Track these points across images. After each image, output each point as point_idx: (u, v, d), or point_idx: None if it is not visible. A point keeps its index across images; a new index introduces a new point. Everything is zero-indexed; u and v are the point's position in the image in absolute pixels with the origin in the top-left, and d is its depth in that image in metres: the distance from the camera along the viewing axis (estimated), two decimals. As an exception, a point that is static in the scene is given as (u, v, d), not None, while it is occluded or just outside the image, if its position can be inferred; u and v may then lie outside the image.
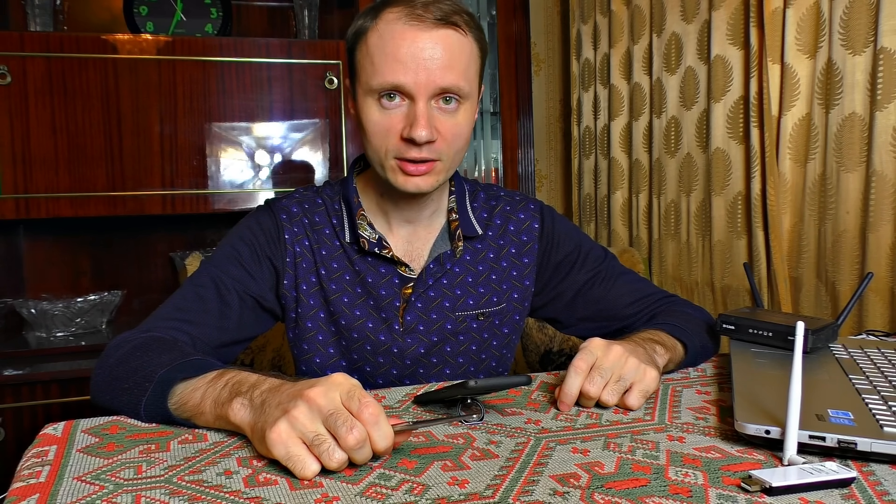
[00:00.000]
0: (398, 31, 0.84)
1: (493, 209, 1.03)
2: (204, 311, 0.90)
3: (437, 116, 0.87)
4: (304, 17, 2.07)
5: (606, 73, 2.12)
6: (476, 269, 1.00)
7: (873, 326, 1.39)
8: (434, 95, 0.86)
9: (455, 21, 0.86)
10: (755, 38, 1.60)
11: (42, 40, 1.75)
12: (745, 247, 1.70)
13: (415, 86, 0.85)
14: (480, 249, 1.01)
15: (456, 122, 0.89)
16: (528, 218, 1.03)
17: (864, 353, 0.90)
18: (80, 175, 1.78)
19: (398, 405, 0.79)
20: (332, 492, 0.56)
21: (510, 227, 1.02)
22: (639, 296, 1.03)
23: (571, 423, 0.72)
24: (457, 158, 0.92)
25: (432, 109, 0.87)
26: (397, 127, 0.87)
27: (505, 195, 1.05)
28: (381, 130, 0.87)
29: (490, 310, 1.00)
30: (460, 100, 0.88)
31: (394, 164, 0.89)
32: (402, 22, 0.85)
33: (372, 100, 0.87)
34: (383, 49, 0.85)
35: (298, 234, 0.96)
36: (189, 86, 1.84)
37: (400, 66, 0.84)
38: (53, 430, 0.70)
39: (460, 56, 0.87)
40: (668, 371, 0.90)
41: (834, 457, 0.62)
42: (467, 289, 0.99)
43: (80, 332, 1.89)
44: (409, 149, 0.87)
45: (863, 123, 1.41)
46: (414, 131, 0.84)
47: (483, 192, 1.05)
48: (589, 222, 2.27)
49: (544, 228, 1.03)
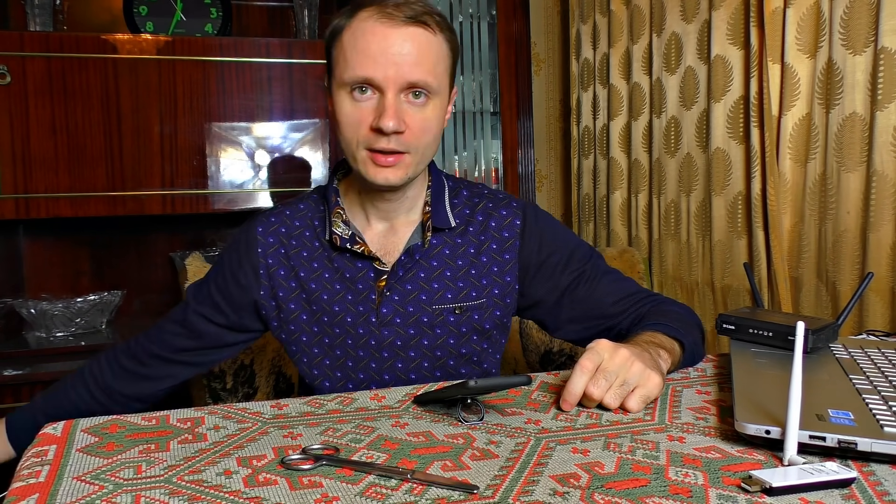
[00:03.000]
0: (370, 28, 0.89)
1: (475, 206, 1.05)
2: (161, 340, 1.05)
3: (407, 110, 0.91)
4: (304, 17, 2.07)
5: (606, 73, 2.12)
6: (455, 263, 1.01)
7: (873, 326, 1.39)
8: (403, 89, 0.90)
9: (425, 20, 0.91)
10: (755, 38, 1.60)
11: (42, 40, 1.75)
12: (745, 247, 1.70)
13: (384, 79, 0.89)
14: (460, 244, 1.02)
15: (424, 117, 0.93)
16: (510, 215, 1.04)
17: (864, 353, 0.90)
18: (80, 175, 1.78)
19: (398, 405, 0.79)
20: (332, 492, 0.56)
21: (491, 223, 1.03)
22: (623, 294, 1.04)
23: (571, 423, 0.72)
24: (426, 153, 0.96)
25: (401, 103, 0.91)
26: (367, 119, 0.91)
27: (489, 193, 1.07)
28: (353, 122, 0.92)
29: (468, 304, 1.01)
30: (429, 95, 0.92)
31: (365, 156, 0.93)
32: (374, 20, 0.90)
33: (345, 93, 0.92)
34: (355, 45, 0.90)
35: (273, 245, 1.02)
36: (189, 86, 1.84)
37: (370, 60, 0.89)
38: (53, 429, 0.70)
39: (429, 53, 0.91)
40: (668, 372, 0.90)
41: (834, 457, 0.62)
42: (445, 283, 1.00)
43: (80, 332, 1.89)
44: (378, 139, 0.91)
45: (863, 123, 1.41)
46: (382, 121, 0.89)
47: (466, 189, 1.07)
48: (588, 222, 2.27)
49: (526, 225, 1.04)
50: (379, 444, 0.67)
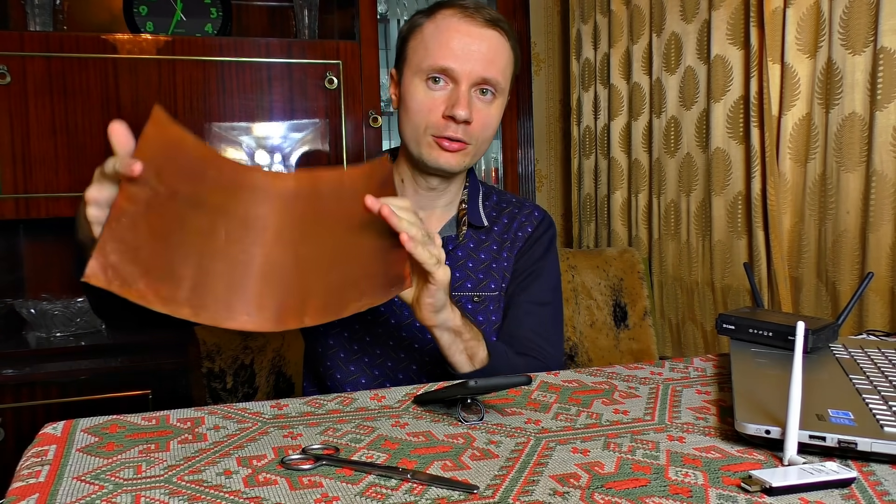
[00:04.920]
0: (453, 24, 0.97)
1: (502, 209, 1.14)
2: None
3: (476, 103, 0.98)
4: (304, 17, 2.06)
5: (606, 73, 2.12)
6: (478, 256, 1.08)
7: (873, 326, 1.39)
8: (475, 84, 0.97)
9: (501, 25, 0.99)
10: (755, 38, 1.60)
11: (42, 40, 1.75)
12: (745, 247, 1.70)
13: (461, 71, 0.96)
14: (485, 240, 1.10)
15: (489, 112, 1.00)
16: (528, 221, 1.13)
17: (864, 353, 0.90)
18: (80, 175, 1.77)
19: (398, 405, 0.79)
20: (332, 492, 0.56)
21: (514, 224, 1.12)
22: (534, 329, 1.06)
23: (571, 423, 0.72)
24: (482, 147, 1.03)
25: (472, 96, 0.98)
26: (440, 107, 0.97)
27: (516, 201, 1.16)
28: (425, 108, 0.98)
29: (486, 294, 1.07)
30: (496, 93, 1.00)
31: (430, 140, 0.99)
32: (458, 18, 0.98)
33: (419, 80, 0.98)
34: (438, 37, 0.97)
35: None
36: (189, 86, 1.84)
37: (450, 52, 0.96)
38: (53, 429, 0.70)
39: (501, 55, 0.99)
40: (456, 343, 0.88)
41: (834, 457, 0.62)
42: (467, 272, 1.06)
43: (80, 332, 1.89)
44: (447, 126, 0.97)
45: (863, 123, 1.41)
46: (455, 110, 0.95)
47: (496, 195, 1.16)
48: (589, 222, 2.27)
49: (534, 234, 1.12)
50: (379, 444, 0.67)
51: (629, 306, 1.67)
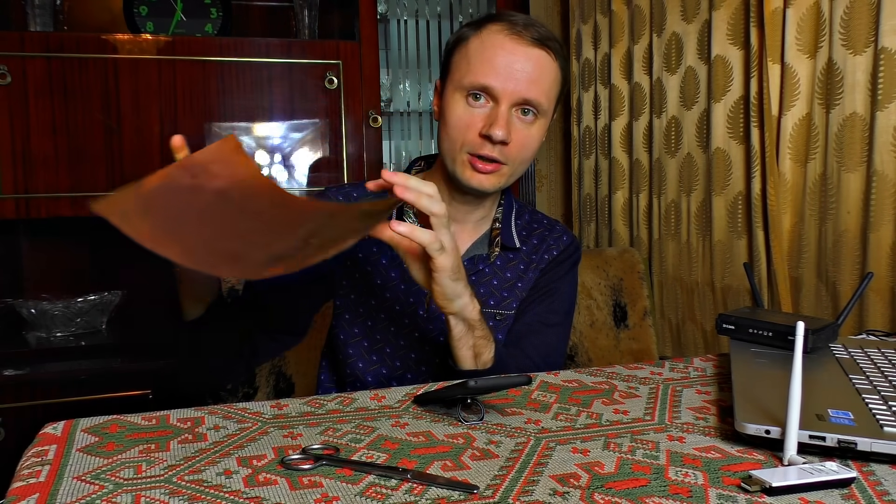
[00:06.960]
0: (499, 41, 0.95)
1: (533, 230, 1.12)
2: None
3: (515, 124, 0.96)
4: (304, 17, 2.06)
5: (607, 73, 2.12)
6: (504, 275, 1.07)
7: (873, 326, 1.39)
8: (516, 104, 0.95)
9: (549, 45, 0.97)
10: (755, 38, 1.60)
11: (42, 40, 1.75)
12: (745, 247, 1.70)
13: (502, 91, 0.94)
14: (512, 259, 1.08)
15: (529, 134, 0.97)
16: (556, 245, 1.12)
17: (864, 353, 0.90)
18: (80, 175, 1.78)
19: (398, 405, 0.79)
20: (332, 492, 0.56)
21: (543, 247, 1.11)
22: (536, 344, 1.06)
23: (571, 423, 0.72)
24: (520, 169, 1.00)
25: (512, 116, 0.95)
26: (478, 124, 0.95)
27: (547, 223, 1.15)
28: (462, 125, 0.95)
29: (508, 313, 1.06)
30: (537, 114, 0.97)
31: (465, 159, 0.96)
32: (504, 35, 0.95)
33: (460, 96, 0.96)
34: (482, 54, 0.95)
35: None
36: (189, 86, 1.84)
37: (493, 70, 0.94)
38: (53, 429, 0.70)
39: (546, 76, 0.96)
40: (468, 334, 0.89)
41: (834, 457, 0.62)
42: (491, 290, 1.05)
43: (80, 332, 1.89)
44: (483, 145, 0.95)
45: (863, 123, 1.41)
46: (493, 129, 0.93)
47: (528, 214, 1.15)
48: (589, 222, 2.27)
49: (559, 257, 1.11)
50: (379, 444, 0.67)
51: (629, 306, 1.67)
